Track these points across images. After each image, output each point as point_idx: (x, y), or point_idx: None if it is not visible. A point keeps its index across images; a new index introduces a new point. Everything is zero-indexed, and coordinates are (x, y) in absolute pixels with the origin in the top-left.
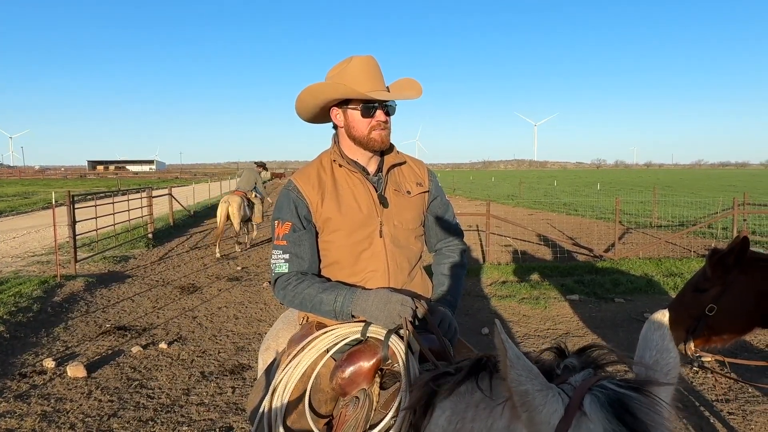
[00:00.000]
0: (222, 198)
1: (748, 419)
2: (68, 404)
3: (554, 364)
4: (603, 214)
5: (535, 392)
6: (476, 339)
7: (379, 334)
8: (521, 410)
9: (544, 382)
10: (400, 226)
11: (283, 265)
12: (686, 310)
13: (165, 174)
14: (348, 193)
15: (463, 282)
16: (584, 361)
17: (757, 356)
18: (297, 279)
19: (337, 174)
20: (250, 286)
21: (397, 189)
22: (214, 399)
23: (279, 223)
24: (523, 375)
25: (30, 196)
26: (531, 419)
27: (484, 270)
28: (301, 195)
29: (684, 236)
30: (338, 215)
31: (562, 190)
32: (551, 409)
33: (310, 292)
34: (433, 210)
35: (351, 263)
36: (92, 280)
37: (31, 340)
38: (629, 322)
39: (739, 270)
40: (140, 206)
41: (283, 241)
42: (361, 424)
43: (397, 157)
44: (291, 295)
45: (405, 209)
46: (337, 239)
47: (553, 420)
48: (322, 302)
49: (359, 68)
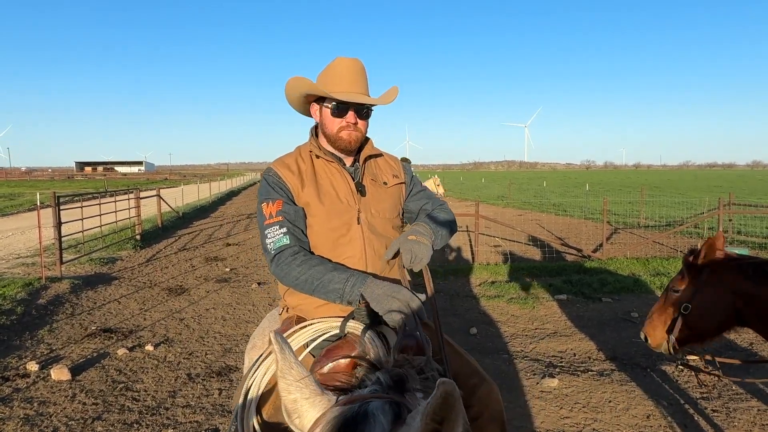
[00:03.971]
0: None
1: (732, 416)
2: (51, 407)
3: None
4: (592, 215)
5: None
6: (464, 339)
7: (358, 329)
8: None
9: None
10: (377, 214)
11: (284, 238)
12: (665, 310)
13: (154, 175)
14: (327, 182)
15: (445, 226)
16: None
17: (741, 354)
18: (305, 254)
19: (316, 164)
20: (239, 288)
21: (373, 179)
22: (200, 401)
23: (268, 203)
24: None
25: (16, 197)
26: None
27: (473, 270)
28: (282, 180)
29: (671, 236)
30: (317, 201)
31: (551, 190)
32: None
33: (320, 269)
34: (413, 199)
35: (329, 248)
36: (78, 282)
37: (15, 343)
38: (616, 322)
39: (710, 270)
40: (128, 207)
41: (278, 217)
42: None
43: (373, 149)
44: (297, 271)
45: (382, 199)
46: (316, 224)
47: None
48: (331, 281)
49: (342, 69)
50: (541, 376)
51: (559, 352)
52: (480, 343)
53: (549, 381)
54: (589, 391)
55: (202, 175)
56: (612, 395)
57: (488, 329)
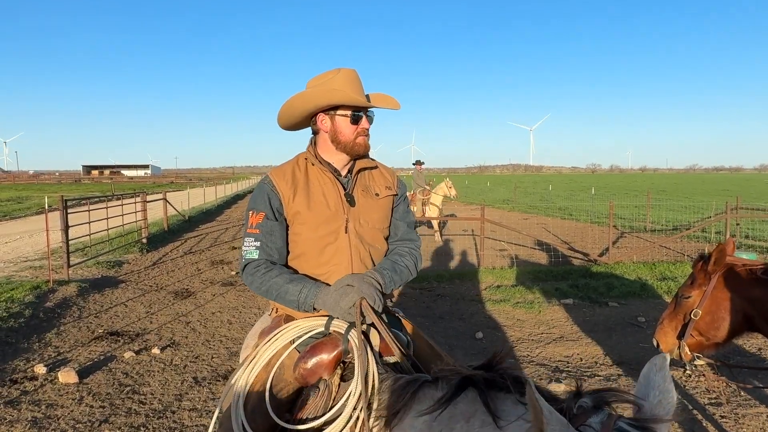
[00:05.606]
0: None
1: (740, 422)
2: (59, 410)
3: (571, 404)
4: (598, 218)
5: None
6: (470, 343)
7: (341, 328)
8: None
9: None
10: (366, 224)
11: (254, 251)
12: (675, 316)
13: (160, 179)
14: (318, 190)
15: (402, 272)
16: (597, 401)
17: (750, 360)
18: (266, 267)
19: (310, 173)
20: (244, 291)
21: (365, 190)
22: (206, 404)
23: (253, 213)
24: (557, 429)
25: (23, 200)
26: None
27: (479, 274)
28: (275, 189)
29: (678, 240)
30: (307, 210)
31: (557, 194)
32: None
33: (278, 281)
34: (395, 214)
35: (316, 255)
36: (85, 285)
37: (23, 346)
38: (623, 326)
39: (720, 276)
40: (134, 211)
41: (255, 230)
42: (319, 411)
43: (368, 162)
44: (258, 282)
45: (372, 209)
46: (304, 232)
47: None
48: (287, 292)
49: (348, 79)
50: (548, 381)
51: (566, 357)
52: (486, 348)
53: (555, 386)
54: None
55: (208, 179)
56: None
57: (494, 334)
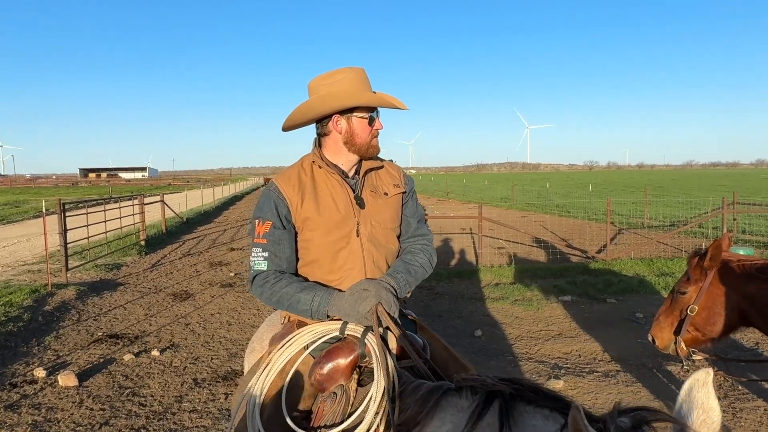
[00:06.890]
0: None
1: (738, 416)
2: (59, 413)
3: (610, 426)
4: (595, 216)
5: None
6: (469, 341)
7: (357, 332)
8: None
9: None
10: (378, 225)
11: (262, 262)
12: (672, 312)
13: (158, 181)
14: (326, 194)
15: (416, 272)
16: (637, 422)
17: (747, 354)
18: (275, 277)
19: (317, 176)
20: (243, 293)
21: (373, 191)
22: (206, 406)
23: (260, 221)
24: None
25: (20, 204)
26: None
27: (477, 272)
28: (282, 195)
29: (675, 236)
30: (316, 215)
31: (554, 191)
32: None
33: (288, 291)
34: (405, 211)
35: (329, 261)
36: (84, 288)
37: (22, 350)
38: (621, 322)
39: (716, 271)
40: (132, 213)
41: (263, 240)
42: (338, 418)
43: (375, 162)
44: (268, 293)
45: (383, 209)
46: (316, 238)
47: None
48: (299, 301)
49: (360, 79)
50: (547, 377)
51: (564, 354)
52: (485, 346)
53: (554, 382)
54: (595, 392)
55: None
56: (618, 396)
57: (493, 331)
